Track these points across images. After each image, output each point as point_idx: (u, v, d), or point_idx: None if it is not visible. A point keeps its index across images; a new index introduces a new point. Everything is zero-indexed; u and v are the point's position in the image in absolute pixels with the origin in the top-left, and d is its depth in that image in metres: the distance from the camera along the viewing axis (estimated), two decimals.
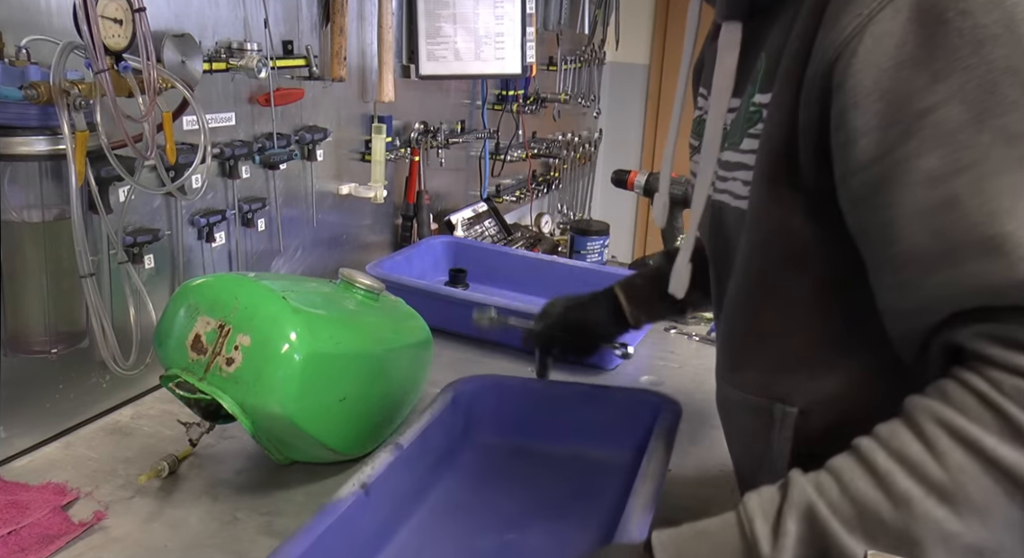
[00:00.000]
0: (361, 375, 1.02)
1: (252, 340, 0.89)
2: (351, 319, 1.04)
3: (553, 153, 2.57)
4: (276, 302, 0.92)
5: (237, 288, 0.93)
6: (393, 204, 1.85)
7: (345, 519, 0.79)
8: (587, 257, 1.89)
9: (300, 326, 0.91)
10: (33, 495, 0.95)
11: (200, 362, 0.91)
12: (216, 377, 0.90)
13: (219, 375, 0.90)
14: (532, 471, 1.05)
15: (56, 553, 0.87)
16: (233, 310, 0.91)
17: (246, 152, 1.33)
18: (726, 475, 1.04)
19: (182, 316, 0.93)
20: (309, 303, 0.97)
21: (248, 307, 0.91)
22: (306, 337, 0.91)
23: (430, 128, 1.89)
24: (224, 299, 0.92)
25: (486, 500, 0.99)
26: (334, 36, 1.50)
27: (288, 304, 0.92)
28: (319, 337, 0.93)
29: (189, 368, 0.92)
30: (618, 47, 2.91)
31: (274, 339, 0.89)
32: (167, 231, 1.23)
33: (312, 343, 0.91)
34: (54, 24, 1.00)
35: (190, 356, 0.91)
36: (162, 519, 0.94)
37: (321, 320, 0.96)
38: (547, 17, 2.39)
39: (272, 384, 0.89)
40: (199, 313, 0.92)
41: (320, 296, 1.04)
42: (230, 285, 0.94)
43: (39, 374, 1.07)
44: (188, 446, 1.02)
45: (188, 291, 0.96)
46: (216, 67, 1.25)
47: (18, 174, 0.98)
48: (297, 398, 0.91)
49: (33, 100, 0.90)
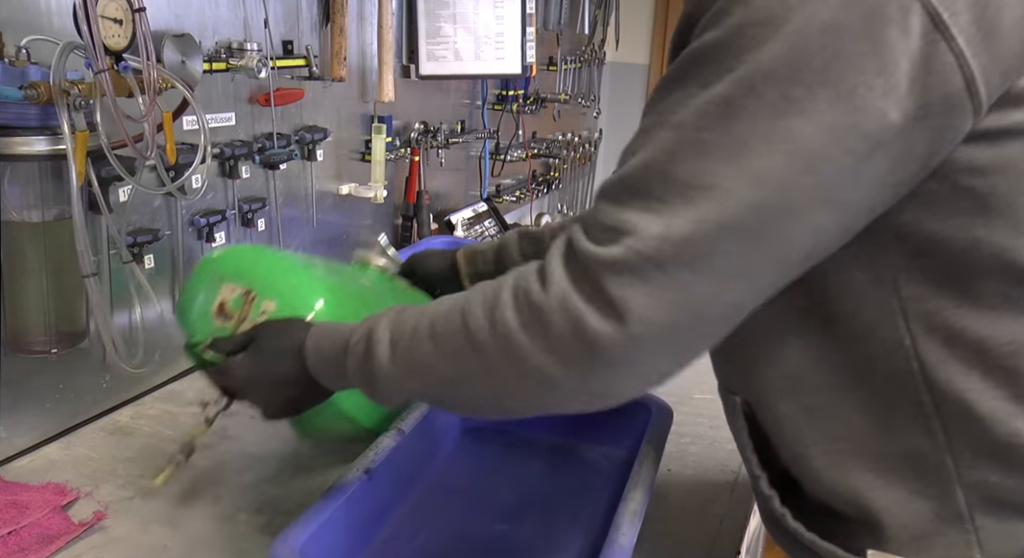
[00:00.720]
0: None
1: (278, 306, 0.89)
2: (370, 294, 1.05)
3: (553, 153, 2.57)
4: (300, 271, 0.94)
5: (260, 257, 0.97)
6: (393, 204, 1.85)
7: (350, 503, 0.83)
8: None
9: (326, 294, 0.92)
10: (33, 495, 0.95)
11: (225, 328, 0.91)
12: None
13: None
14: (526, 462, 1.06)
15: (56, 553, 0.87)
16: (258, 277, 0.92)
17: (246, 152, 1.33)
18: (726, 475, 1.04)
19: (206, 284, 0.94)
20: (330, 275, 0.99)
21: (273, 275, 0.93)
22: (332, 305, 0.91)
23: (430, 128, 1.89)
24: (248, 267, 0.94)
25: (480, 489, 1.01)
26: (334, 36, 1.50)
27: (311, 273, 0.95)
28: (343, 306, 0.93)
29: (215, 334, 0.91)
30: (618, 47, 2.91)
31: (299, 307, 0.89)
32: (167, 231, 1.23)
33: (337, 312, 0.91)
34: (54, 24, 1.00)
35: (215, 322, 0.92)
36: (162, 519, 0.94)
37: (343, 291, 0.97)
38: (547, 17, 2.39)
39: None
40: (224, 280, 0.93)
41: (337, 272, 1.04)
42: (252, 254, 0.99)
43: (39, 374, 1.07)
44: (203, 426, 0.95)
45: (210, 261, 0.97)
46: (216, 67, 1.25)
47: (18, 174, 0.98)
48: None
49: (33, 100, 0.90)
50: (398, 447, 0.92)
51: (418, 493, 0.98)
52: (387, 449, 0.90)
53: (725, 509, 1.02)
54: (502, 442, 1.10)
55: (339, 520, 0.82)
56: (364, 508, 0.87)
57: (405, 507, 0.96)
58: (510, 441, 1.10)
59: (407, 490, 0.97)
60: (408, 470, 0.97)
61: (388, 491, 0.92)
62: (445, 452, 1.06)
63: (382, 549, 0.90)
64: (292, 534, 0.76)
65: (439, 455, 1.05)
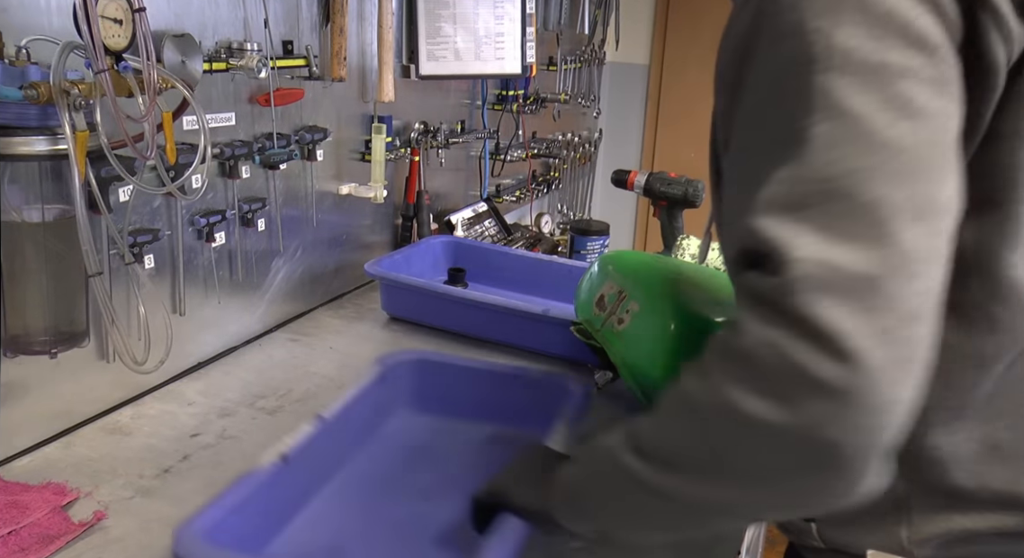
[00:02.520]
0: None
1: (641, 309, 1.03)
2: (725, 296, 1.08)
3: (553, 153, 2.58)
4: (668, 284, 1.07)
5: (641, 265, 1.13)
6: (393, 204, 1.85)
7: (263, 488, 0.87)
8: (587, 257, 1.89)
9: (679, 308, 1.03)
10: (33, 495, 0.95)
11: (599, 317, 1.09)
12: (609, 332, 1.07)
13: (611, 330, 1.07)
14: (453, 447, 1.09)
15: (56, 553, 0.87)
16: (633, 281, 1.07)
17: (246, 152, 1.33)
18: None
19: (596, 276, 1.14)
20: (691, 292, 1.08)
21: (645, 282, 1.07)
22: (683, 316, 1.02)
23: (430, 128, 1.89)
24: (629, 270, 1.10)
25: (405, 472, 1.06)
26: (334, 36, 1.50)
27: (677, 287, 1.07)
28: (696, 318, 1.02)
29: (591, 320, 1.12)
30: (618, 47, 2.91)
31: (657, 314, 1.02)
32: (167, 231, 1.23)
33: (688, 323, 1.01)
34: (54, 24, 1.00)
35: (594, 310, 1.11)
36: (162, 519, 0.94)
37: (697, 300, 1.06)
38: (547, 17, 2.39)
39: (650, 350, 1.02)
40: (608, 277, 1.11)
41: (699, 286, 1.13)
42: (635, 259, 1.15)
43: (39, 374, 1.07)
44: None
45: (609, 258, 1.15)
46: (216, 67, 1.25)
47: (18, 174, 0.98)
48: (668, 367, 1.00)
49: (33, 100, 0.90)
50: (318, 434, 0.96)
51: (340, 476, 1.02)
52: (304, 435, 0.94)
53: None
54: (429, 427, 1.16)
55: (251, 505, 0.84)
56: (280, 493, 0.90)
57: (326, 492, 0.99)
58: (437, 426, 1.16)
59: (329, 475, 1.01)
60: (330, 455, 1.01)
61: (306, 476, 0.95)
62: (371, 436, 1.11)
63: (299, 532, 0.92)
64: (198, 520, 0.77)
65: (365, 439, 1.10)
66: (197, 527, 0.78)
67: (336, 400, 1.02)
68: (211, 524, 0.78)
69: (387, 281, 1.51)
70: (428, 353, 1.23)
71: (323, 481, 1.00)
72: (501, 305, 1.38)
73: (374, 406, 1.11)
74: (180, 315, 1.28)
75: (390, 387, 1.14)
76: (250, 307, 1.44)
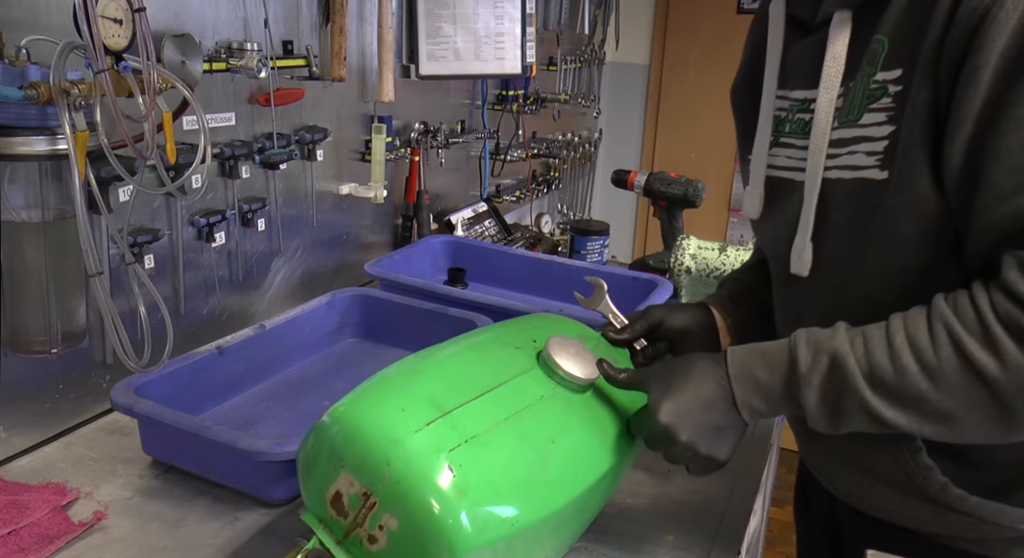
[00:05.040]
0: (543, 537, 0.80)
1: (400, 528, 0.70)
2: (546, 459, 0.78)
3: (553, 153, 2.57)
4: (436, 490, 0.70)
5: (392, 449, 0.71)
6: (393, 204, 1.85)
7: (197, 367, 1.13)
8: (587, 257, 1.89)
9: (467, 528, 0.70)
10: (33, 495, 0.95)
11: (340, 523, 0.74)
12: (356, 549, 0.73)
13: (360, 548, 0.73)
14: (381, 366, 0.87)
15: (56, 553, 0.87)
16: (383, 480, 0.71)
17: (246, 152, 1.33)
18: (724, 473, 1.04)
19: (323, 462, 0.76)
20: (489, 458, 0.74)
21: (401, 483, 0.70)
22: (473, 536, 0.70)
23: (430, 128, 1.89)
24: (374, 460, 0.72)
25: (329, 380, 1.28)
26: (334, 36, 1.50)
27: (454, 489, 0.70)
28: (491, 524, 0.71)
29: (327, 522, 0.75)
30: (618, 47, 2.91)
31: (428, 544, 0.70)
32: (167, 231, 1.23)
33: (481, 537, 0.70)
34: (54, 24, 1.00)
35: (329, 511, 0.75)
36: (162, 519, 0.94)
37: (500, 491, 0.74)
38: (547, 17, 2.39)
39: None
40: (342, 467, 0.73)
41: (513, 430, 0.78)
42: (384, 443, 0.72)
43: (39, 374, 1.07)
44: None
45: (334, 435, 0.75)
46: (216, 67, 1.25)
47: (18, 174, 0.98)
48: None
49: (33, 100, 0.90)
50: (254, 337, 1.21)
51: (274, 375, 1.26)
52: (242, 336, 1.20)
53: (725, 509, 1.03)
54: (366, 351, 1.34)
55: (182, 377, 1.10)
56: (212, 377, 1.15)
57: (258, 384, 1.23)
58: (373, 351, 1.35)
59: (264, 371, 1.24)
60: (267, 357, 1.24)
61: (240, 369, 1.20)
62: (314, 352, 1.35)
63: (224, 411, 1.16)
64: (134, 379, 1.00)
65: (306, 352, 1.33)
66: (131, 382, 1.02)
67: (283, 314, 1.29)
68: (143, 382, 1.03)
69: (388, 281, 1.51)
70: (372, 290, 1.44)
71: (257, 378, 1.24)
72: (501, 306, 1.38)
73: (319, 327, 1.35)
74: (180, 315, 1.28)
75: (338, 314, 1.39)
76: (250, 307, 1.44)
